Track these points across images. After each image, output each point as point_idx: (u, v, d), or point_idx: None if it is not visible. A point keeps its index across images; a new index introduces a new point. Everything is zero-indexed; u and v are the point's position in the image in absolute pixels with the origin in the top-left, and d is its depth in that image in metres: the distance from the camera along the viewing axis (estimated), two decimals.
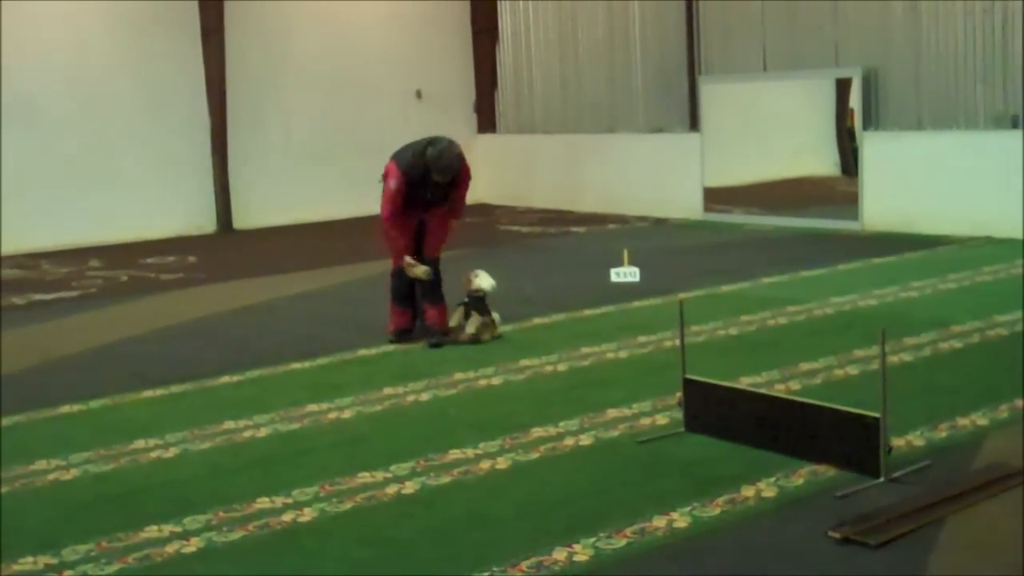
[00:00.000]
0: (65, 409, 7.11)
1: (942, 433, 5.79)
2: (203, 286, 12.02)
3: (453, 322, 8.47)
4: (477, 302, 8.42)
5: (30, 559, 4.69)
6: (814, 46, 14.55)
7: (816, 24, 14.48)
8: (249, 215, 16.96)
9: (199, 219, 16.64)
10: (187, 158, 16.50)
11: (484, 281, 8.46)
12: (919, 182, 13.26)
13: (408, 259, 8.34)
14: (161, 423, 6.65)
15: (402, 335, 8.57)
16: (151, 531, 4.94)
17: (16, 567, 4.62)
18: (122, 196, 15.96)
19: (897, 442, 5.49)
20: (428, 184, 8.20)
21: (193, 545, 4.78)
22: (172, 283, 12.30)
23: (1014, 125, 12.53)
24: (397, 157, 8.33)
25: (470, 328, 8.38)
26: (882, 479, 5.08)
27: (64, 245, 15.29)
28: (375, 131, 18.25)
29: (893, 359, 7.09)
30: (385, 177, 8.37)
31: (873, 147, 13.78)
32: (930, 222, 13.00)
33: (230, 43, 16.63)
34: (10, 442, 6.44)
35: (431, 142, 8.24)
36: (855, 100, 14.03)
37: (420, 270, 8.29)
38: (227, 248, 15.35)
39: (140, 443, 6.28)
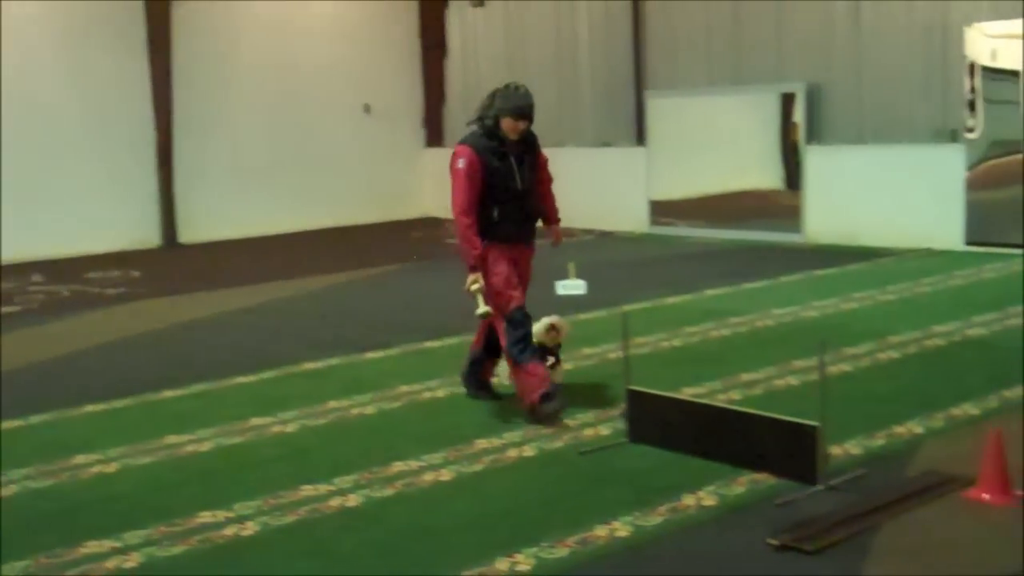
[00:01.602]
0: (4, 425, 7.01)
1: (879, 441, 5.89)
2: (147, 300, 11.93)
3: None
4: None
5: None
6: (759, 61, 14.74)
7: (760, 40, 14.66)
8: (195, 229, 16.85)
9: (143, 233, 16.50)
10: (132, 171, 16.37)
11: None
12: (861, 195, 13.45)
13: (473, 277, 6.52)
14: (102, 438, 6.59)
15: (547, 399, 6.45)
16: (91, 546, 4.89)
17: None
18: (65, 210, 15.79)
19: (835, 450, 5.57)
20: (509, 147, 6.65)
21: (133, 560, 4.74)
22: (115, 298, 12.19)
23: (953, 139, 12.75)
24: (465, 138, 6.75)
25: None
26: (820, 487, 5.15)
27: (6, 260, 15.06)
28: (323, 145, 18.29)
29: (832, 369, 7.18)
30: (452, 163, 6.67)
31: (816, 161, 13.97)
32: (871, 234, 13.19)
33: (177, 56, 16.54)
34: None
35: (494, 93, 6.78)
36: (799, 115, 14.21)
37: (481, 307, 6.55)
38: (172, 262, 15.24)
39: (80, 458, 6.22)
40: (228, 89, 17.22)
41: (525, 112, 6.66)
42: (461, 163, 6.56)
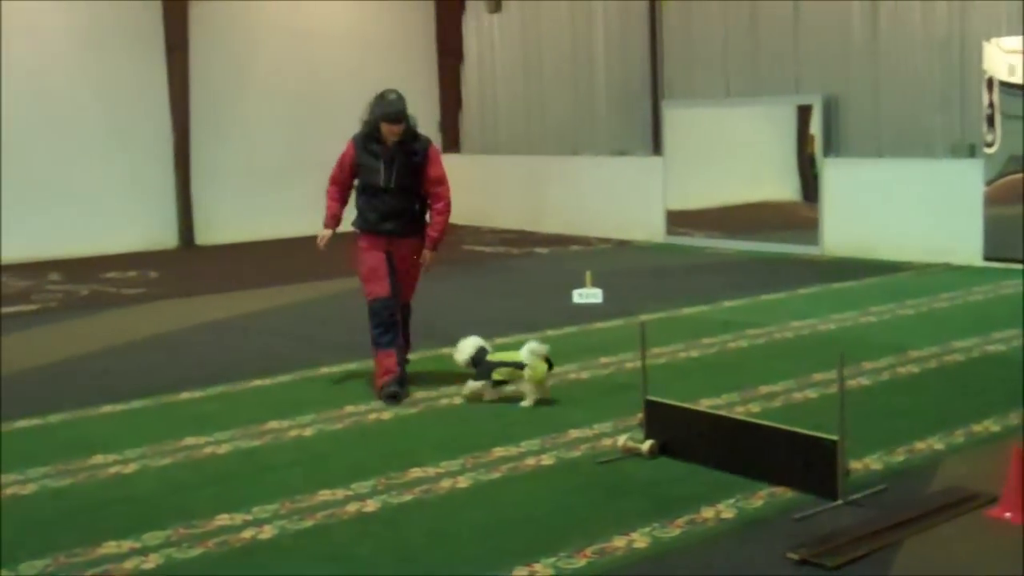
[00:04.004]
0: (23, 423, 7.05)
1: (899, 457, 5.86)
2: (164, 301, 11.96)
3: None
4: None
5: None
6: (776, 73, 14.72)
7: (778, 51, 14.64)
8: (211, 231, 16.90)
9: (161, 234, 16.56)
10: (150, 173, 16.44)
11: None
12: (878, 208, 13.41)
13: (322, 234, 7.74)
14: (120, 438, 6.61)
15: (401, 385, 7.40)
16: (110, 547, 4.90)
17: None
18: (84, 210, 15.86)
19: (855, 465, 5.55)
20: (383, 148, 7.42)
21: (152, 561, 4.75)
22: (133, 298, 12.22)
23: (971, 154, 12.72)
24: (356, 133, 7.69)
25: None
26: (840, 502, 5.13)
27: (24, 258, 15.14)
28: (338, 149, 18.11)
29: (851, 383, 7.16)
30: None
31: (833, 173, 13.94)
32: (889, 248, 13.15)
33: (194, 58, 16.60)
34: None
35: (374, 100, 7.49)
36: (816, 127, 14.19)
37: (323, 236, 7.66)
38: (189, 264, 15.28)
39: (99, 458, 6.24)
40: (245, 92, 17.28)
41: (393, 117, 7.36)
42: (344, 150, 7.71)
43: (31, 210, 15.38)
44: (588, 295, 10.91)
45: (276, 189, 17.48)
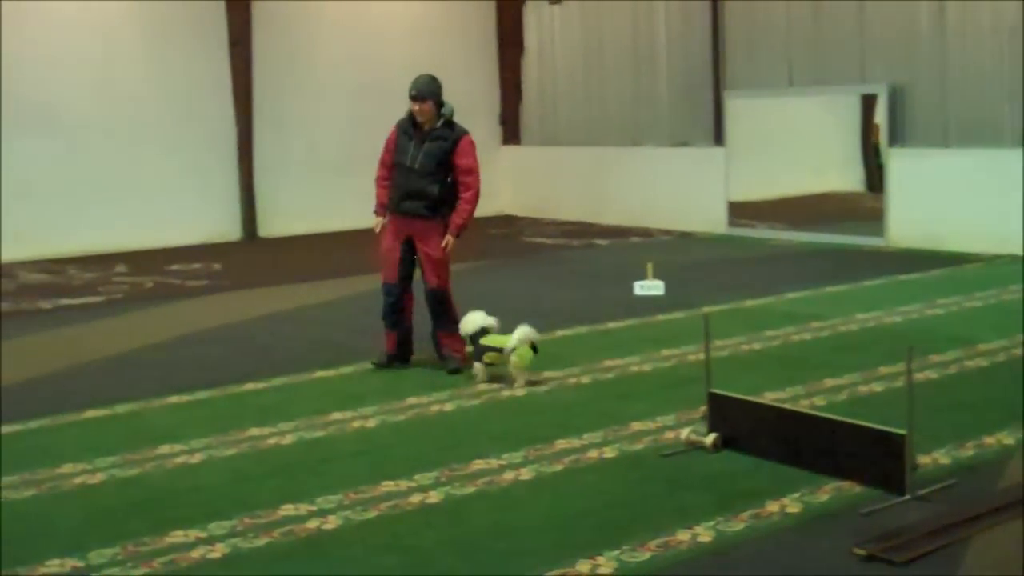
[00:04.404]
0: (91, 413, 7.15)
1: (968, 451, 5.77)
2: (228, 293, 12.08)
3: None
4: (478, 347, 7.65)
5: (57, 562, 4.72)
6: (840, 62, 14.53)
7: (842, 40, 14.46)
8: (274, 223, 17.04)
9: (224, 226, 16.74)
10: (213, 165, 16.61)
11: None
12: (945, 199, 13.21)
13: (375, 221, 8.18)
14: (186, 429, 6.69)
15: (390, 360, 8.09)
16: (177, 536, 4.96)
17: (43, 569, 4.65)
18: (148, 202, 16.07)
19: (923, 460, 5.47)
20: (417, 131, 7.82)
21: (218, 551, 4.80)
22: (197, 289, 12.36)
23: None
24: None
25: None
26: (908, 496, 5.06)
27: (90, 251, 15.40)
28: None
29: (918, 376, 7.05)
30: None
31: (899, 164, 13.75)
32: (956, 239, 12.95)
33: (257, 51, 16.75)
34: (37, 445, 6.50)
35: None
36: (881, 116, 14.00)
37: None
38: (252, 256, 15.42)
39: (165, 448, 6.31)
40: (307, 85, 17.38)
41: (414, 95, 7.71)
42: (389, 134, 8.03)
43: (98, 203, 15.63)
44: (649, 287, 10.86)
45: (338, 181, 17.57)
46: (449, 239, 7.85)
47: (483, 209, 18.83)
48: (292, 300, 11.32)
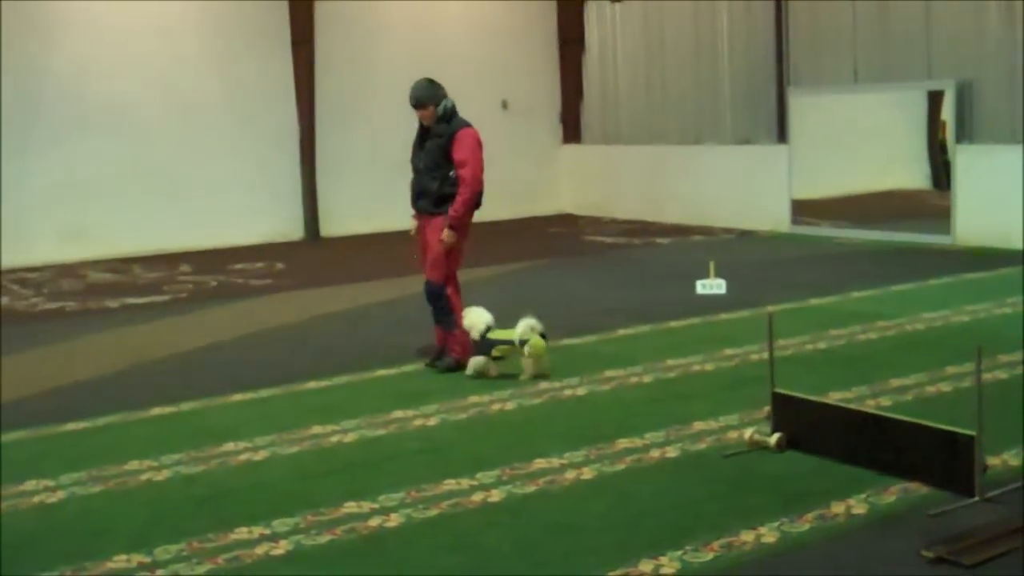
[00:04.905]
0: (156, 411, 7.24)
1: None
2: (291, 292, 12.18)
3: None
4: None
5: (123, 557, 4.78)
6: (906, 58, 14.33)
7: (908, 36, 14.25)
8: (336, 223, 17.16)
9: (287, 226, 16.89)
10: (276, 165, 16.77)
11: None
12: (1013, 196, 12.96)
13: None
14: (250, 426, 6.75)
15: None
16: (241, 533, 5.00)
17: (110, 565, 4.72)
18: (212, 202, 16.26)
19: (992, 461, 5.36)
20: (423, 131, 8.16)
21: (282, 548, 4.83)
22: (261, 289, 12.48)
23: None
24: None
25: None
26: (977, 499, 4.97)
27: (155, 250, 15.63)
28: None
29: (987, 376, 6.89)
30: None
31: (967, 160, 13.53)
32: None
33: (319, 51, 16.86)
34: (104, 442, 6.60)
35: None
36: (948, 113, 13.79)
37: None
38: (314, 255, 15.54)
39: (230, 446, 6.38)
40: (369, 84, 17.47)
41: (412, 103, 8.07)
42: None
43: (162, 203, 15.85)
44: (711, 286, 10.78)
45: (399, 181, 17.35)
46: (446, 232, 7.90)
47: (543, 208, 19.14)
48: (353, 299, 11.38)
